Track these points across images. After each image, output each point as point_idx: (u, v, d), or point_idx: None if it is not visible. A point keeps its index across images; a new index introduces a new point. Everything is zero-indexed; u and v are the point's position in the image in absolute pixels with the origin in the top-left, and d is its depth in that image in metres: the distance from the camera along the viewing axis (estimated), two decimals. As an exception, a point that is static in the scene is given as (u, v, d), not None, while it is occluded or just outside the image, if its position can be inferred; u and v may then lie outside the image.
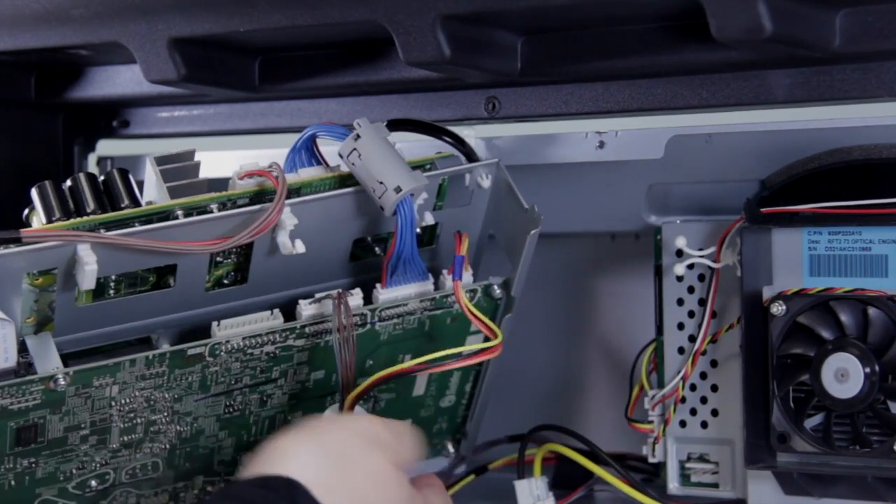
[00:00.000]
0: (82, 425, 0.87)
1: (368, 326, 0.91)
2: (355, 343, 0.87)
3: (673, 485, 0.97)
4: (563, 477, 1.02)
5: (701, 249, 0.94)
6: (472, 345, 0.95)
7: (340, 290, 0.88)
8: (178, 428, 0.90)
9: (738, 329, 0.92)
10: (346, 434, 0.81)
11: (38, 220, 0.87)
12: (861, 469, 0.88)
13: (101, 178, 0.88)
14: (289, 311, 0.89)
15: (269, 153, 1.01)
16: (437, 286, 0.92)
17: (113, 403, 0.86)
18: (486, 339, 0.92)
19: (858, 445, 0.87)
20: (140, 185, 0.90)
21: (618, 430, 1.02)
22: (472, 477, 1.02)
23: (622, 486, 0.94)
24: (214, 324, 0.88)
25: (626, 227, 1.03)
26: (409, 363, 0.89)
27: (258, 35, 0.99)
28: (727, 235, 0.93)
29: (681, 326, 0.96)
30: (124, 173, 0.88)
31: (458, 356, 0.90)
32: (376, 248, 0.94)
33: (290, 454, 0.78)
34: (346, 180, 0.90)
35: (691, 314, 0.96)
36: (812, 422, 0.89)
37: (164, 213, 0.86)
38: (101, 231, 0.84)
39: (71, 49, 1.06)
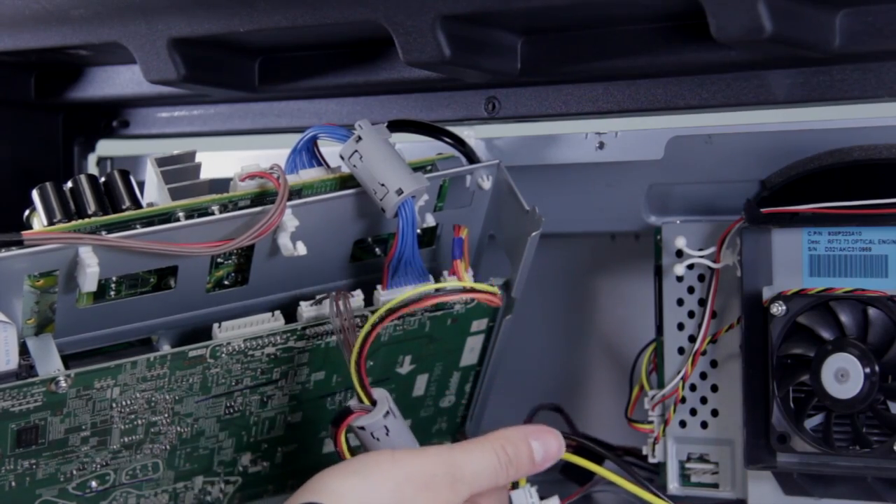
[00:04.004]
0: (83, 427, 0.87)
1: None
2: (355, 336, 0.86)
3: (673, 485, 0.97)
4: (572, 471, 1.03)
5: (701, 250, 0.95)
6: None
7: (339, 290, 0.88)
8: (178, 429, 0.90)
9: (738, 329, 0.92)
10: (399, 475, 0.78)
11: (39, 221, 0.87)
12: (861, 469, 0.88)
13: (102, 179, 0.88)
14: (289, 313, 0.89)
15: (270, 154, 1.02)
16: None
17: (114, 405, 0.87)
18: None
19: (858, 446, 0.87)
20: (141, 185, 0.90)
21: (618, 431, 1.03)
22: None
23: (627, 485, 0.94)
24: (215, 325, 0.88)
25: (626, 228, 1.03)
26: (415, 293, 0.87)
27: (258, 35, 0.99)
28: (727, 236, 0.93)
29: (681, 327, 0.96)
30: (125, 174, 0.88)
31: (466, 290, 0.89)
32: (377, 250, 0.94)
33: (330, 489, 0.76)
34: (347, 181, 0.90)
35: (691, 314, 0.96)
36: (812, 422, 0.89)
37: (166, 214, 0.86)
38: (103, 233, 0.84)
39: (71, 49, 1.06)
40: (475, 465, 0.81)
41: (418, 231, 0.90)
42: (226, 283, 0.90)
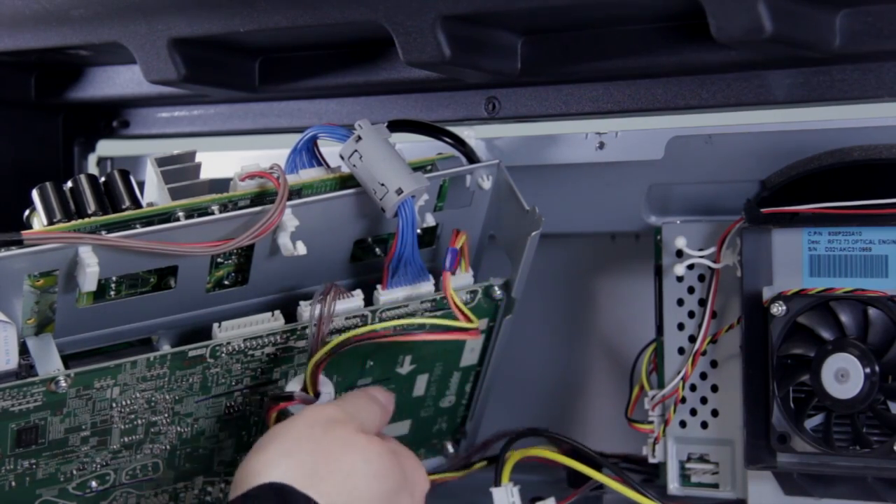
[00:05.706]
0: (83, 426, 0.87)
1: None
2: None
3: (673, 485, 0.97)
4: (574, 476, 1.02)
5: (701, 250, 0.95)
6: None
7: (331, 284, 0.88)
8: (178, 429, 0.90)
9: (738, 329, 0.92)
10: (304, 425, 0.82)
11: (39, 221, 0.87)
12: (861, 469, 0.88)
13: (102, 179, 0.88)
14: (289, 313, 0.89)
15: (270, 154, 1.02)
16: (437, 287, 0.92)
17: (114, 405, 0.87)
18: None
19: (858, 446, 0.87)
20: (141, 185, 0.90)
21: (618, 431, 1.02)
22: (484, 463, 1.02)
23: (619, 487, 0.94)
24: (215, 325, 0.88)
25: (627, 228, 1.03)
26: (377, 326, 0.89)
27: (258, 35, 0.99)
28: (727, 236, 0.93)
29: (681, 327, 0.96)
30: (125, 174, 0.88)
31: (433, 329, 0.90)
32: (377, 249, 0.94)
33: (262, 466, 0.79)
34: (347, 181, 0.90)
35: (691, 314, 0.96)
36: (812, 422, 0.89)
37: (166, 214, 0.86)
38: (103, 233, 0.84)
39: (71, 49, 1.06)
40: (353, 400, 0.86)
41: (418, 231, 0.90)
42: (226, 282, 0.90)
